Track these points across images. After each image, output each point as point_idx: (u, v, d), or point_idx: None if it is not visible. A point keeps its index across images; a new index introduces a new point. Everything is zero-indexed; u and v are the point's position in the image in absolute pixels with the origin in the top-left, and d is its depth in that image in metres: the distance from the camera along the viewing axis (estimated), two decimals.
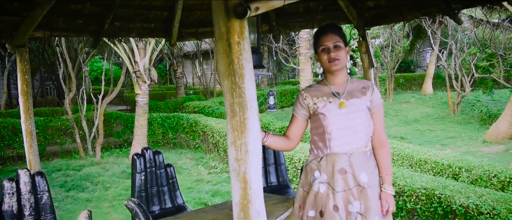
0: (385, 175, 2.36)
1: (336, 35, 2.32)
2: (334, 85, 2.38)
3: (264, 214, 2.04)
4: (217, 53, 2.01)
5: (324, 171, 2.33)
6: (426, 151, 6.46)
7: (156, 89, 22.34)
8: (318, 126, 2.36)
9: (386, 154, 2.38)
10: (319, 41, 2.36)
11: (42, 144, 9.48)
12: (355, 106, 2.31)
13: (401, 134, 11.73)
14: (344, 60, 2.33)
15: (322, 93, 2.38)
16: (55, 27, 3.09)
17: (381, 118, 2.38)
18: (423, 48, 22.50)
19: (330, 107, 2.33)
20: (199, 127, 9.66)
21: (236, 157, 2.00)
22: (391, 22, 3.65)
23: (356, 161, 2.30)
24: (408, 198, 4.36)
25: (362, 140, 2.32)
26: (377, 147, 2.38)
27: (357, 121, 2.31)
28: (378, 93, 2.39)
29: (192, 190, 6.92)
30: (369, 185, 2.30)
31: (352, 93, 2.35)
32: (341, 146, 2.31)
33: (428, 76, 18.03)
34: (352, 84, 2.38)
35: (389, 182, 2.37)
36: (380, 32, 16.67)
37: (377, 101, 2.37)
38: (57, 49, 10.27)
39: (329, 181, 2.32)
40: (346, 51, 2.35)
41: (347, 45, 2.36)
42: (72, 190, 7.09)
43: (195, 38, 3.85)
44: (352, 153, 2.31)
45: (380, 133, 2.37)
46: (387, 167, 2.37)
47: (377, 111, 2.37)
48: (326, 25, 2.44)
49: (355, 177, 2.30)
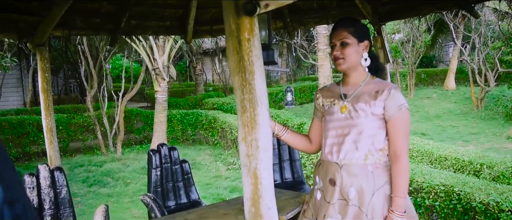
0: (393, 197, 1.96)
1: (344, 31, 2.05)
2: (345, 86, 2.14)
3: (275, 210, 2.05)
4: (227, 50, 2.03)
5: (321, 178, 2.17)
6: (447, 147, 6.36)
7: (176, 86, 22.54)
8: (323, 129, 2.20)
9: (398, 171, 1.96)
10: (330, 37, 2.17)
11: (65, 141, 9.71)
12: (360, 111, 2.02)
13: (422, 130, 11.56)
14: (351, 58, 2.05)
15: (332, 94, 2.18)
16: (74, 26, 3.17)
17: (398, 128, 1.99)
18: (445, 42, 22.08)
19: (333, 109, 2.13)
20: (217, 123, 9.72)
21: (247, 152, 2.02)
22: (406, 17, 3.61)
23: (347, 174, 2.03)
24: (427, 194, 4.31)
25: (361, 151, 2.01)
26: (391, 161, 2.02)
27: (357, 128, 2.02)
28: (398, 99, 1.99)
29: (211, 186, 6.99)
30: (357, 205, 1.99)
31: (360, 97, 2.05)
32: (333, 154, 2.09)
33: (450, 71, 17.68)
34: (366, 86, 2.07)
35: (398, 207, 1.94)
36: (401, 27, 16.41)
37: (392, 108, 1.98)
38: (79, 47, 10.48)
39: (324, 189, 2.14)
40: (362, 48, 2.07)
41: (362, 40, 2.07)
42: (94, 186, 7.24)
43: (210, 35, 3.89)
44: (344, 164, 2.04)
45: (396, 145, 1.98)
46: (397, 188, 1.95)
47: (394, 120, 1.98)
48: (340, 18, 2.19)
49: (342, 191, 2.04)
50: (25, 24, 2.90)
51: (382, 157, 2.03)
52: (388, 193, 2.00)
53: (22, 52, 13.98)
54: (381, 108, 2.00)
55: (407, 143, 2.01)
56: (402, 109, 1.98)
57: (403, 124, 1.99)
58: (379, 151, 2.02)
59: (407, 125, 2.02)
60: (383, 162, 2.03)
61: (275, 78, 23.92)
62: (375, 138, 2.02)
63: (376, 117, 2.01)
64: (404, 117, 1.99)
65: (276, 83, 22.02)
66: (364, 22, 5.54)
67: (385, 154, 2.03)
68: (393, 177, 1.98)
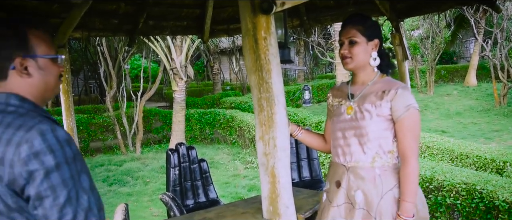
0: (401, 201, 1.89)
1: (353, 28, 1.98)
2: (353, 86, 2.08)
3: (293, 208, 2.05)
4: (244, 48, 2.03)
5: (329, 180, 2.13)
6: (468, 145, 6.25)
7: (193, 85, 22.69)
8: (331, 130, 2.16)
9: (406, 174, 1.89)
10: (339, 34, 2.10)
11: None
12: (365, 113, 1.96)
13: (442, 127, 11.37)
14: (359, 57, 1.98)
15: (341, 93, 2.13)
16: (92, 27, 3.21)
17: (406, 130, 1.90)
18: (466, 38, 21.64)
19: (340, 110, 2.08)
20: (235, 122, 9.74)
21: (264, 151, 2.02)
22: (425, 13, 3.55)
23: (354, 177, 1.98)
24: (448, 193, 4.23)
25: (368, 153, 1.95)
26: (401, 164, 1.95)
27: (362, 131, 1.96)
28: (405, 98, 1.91)
29: (229, 185, 7.01)
30: (365, 208, 1.94)
31: (366, 97, 1.99)
32: (340, 156, 2.04)
33: (471, 67, 17.34)
34: (374, 85, 2.00)
35: (405, 211, 1.87)
36: (420, 23, 16.16)
37: (400, 108, 1.89)
38: (98, 48, 10.64)
39: (329, 191, 2.11)
40: (371, 47, 2.00)
41: (372, 39, 1.99)
42: (114, 185, 7.35)
43: (226, 35, 3.89)
44: (351, 167, 2.00)
45: (404, 147, 1.90)
46: (405, 192, 1.88)
47: (402, 121, 1.90)
48: (349, 14, 2.12)
49: (348, 194, 2.00)
50: None
51: (391, 160, 1.96)
52: (397, 196, 1.93)
53: None
54: (388, 108, 1.92)
55: (416, 145, 1.93)
56: (410, 109, 1.89)
57: (411, 125, 1.90)
58: (388, 153, 1.96)
59: (416, 126, 1.93)
60: (392, 165, 1.96)
61: (293, 77, 23.86)
62: (382, 140, 1.95)
63: (382, 118, 1.94)
64: (413, 118, 1.90)
65: (294, 82, 21.96)
66: (381, 19, 5.30)
67: (395, 156, 1.97)
68: (401, 181, 1.91)
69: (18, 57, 1.25)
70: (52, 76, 1.33)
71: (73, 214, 1.14)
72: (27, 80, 1.27)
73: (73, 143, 1.20)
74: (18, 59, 1.25)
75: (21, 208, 1.16)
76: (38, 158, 1.12)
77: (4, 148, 1.15)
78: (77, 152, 1.21)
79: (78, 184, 1.17)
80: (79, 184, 1.17)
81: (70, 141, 1.19)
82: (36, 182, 1.12)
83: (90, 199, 1.19)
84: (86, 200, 1.17)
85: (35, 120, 1.18)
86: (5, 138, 1.16)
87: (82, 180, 1.19)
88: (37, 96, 1.29)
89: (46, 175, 1.12)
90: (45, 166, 1.12)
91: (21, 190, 1.14)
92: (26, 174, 1.12)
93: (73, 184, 1.15)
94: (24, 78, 1.27)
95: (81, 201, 1.16)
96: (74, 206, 1.15)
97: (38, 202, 1.13)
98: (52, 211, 1.12)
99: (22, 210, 1.17)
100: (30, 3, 2.68)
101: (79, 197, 1.16)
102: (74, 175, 1.16)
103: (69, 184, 1.14)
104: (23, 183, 1.13)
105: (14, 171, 1.13)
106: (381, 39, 2.05)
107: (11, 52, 1.25)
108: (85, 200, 1.17)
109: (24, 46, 1.26)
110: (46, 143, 1.14)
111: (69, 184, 1.15)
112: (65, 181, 1.14)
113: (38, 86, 1.29)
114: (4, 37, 1.26)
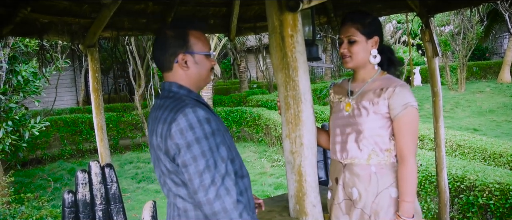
0: (400, 201, 1.88)
1: (352, 27, 1.96)
2: (354, 82, 2.08)
3: (319, 207, 2.03)
4: (270, 46, 2.02)
5: (330, 177, 2.14)
6: (502, 143, 6.06)
7: (220, 83, 22.81)
8: (330, 127, 2.15)
9: (404, 173, 1.87)
10: (338, 31, 2.08)
11: (115, 138, 10.08)
12: (362, 110, 1.96)
13: (474, 125, 11.07)
14: (359, 56, 1.97)
15: (342, 90, 2.12)
16: (121, 27, 3.26)
17: (404, 128, 1.88)
18: (499, 33, 20.95)
19: (339, 107, 2.08)
20: (262, 120, 9.75)
21: (291, 149, 2.01)
22: (455, 8, 3.45)
23: (350, 174, 1.99)
24: (480, 193, 4.12)
25: (364, 151, 1.94)
26: (398, 163, 1.93)
27: (358, 128, 1.96)
28: (403, 97, 1.88)
29: (256, 183, 7.03)
30: (360, 207, 1.96)
31: (365, 95, 1.98)
32: (337, 153, 2.05)
33: (505, 63, 16.75)
34: (373, 83, 1.99)
35: (405, 212, 1.87)
36: (451, 18, 15.73)
37: (397, 106, 1.88)
38: (127, 47, 10.84)
39: (332, 188, 2.12)
40: (371, 45, 1.97)
41: (371, 36, 1.97)
42: (142, 182, 7.48)
43: (253, 33, 3.89)
44: (347, 164, 2.00)
45: (401, 146, 1.89)
46: (403, 191, 1.87)
47: (399, 119, 1.88)
48: (348, 12, 2.09)
49: (345, 190, 2.02)
50: (77, 26, 3.03)
51: (389, 158, 1.94)
52: (394, 196, 1.92)
53: (74, 54, 14.63)
54: (385, 106, 1.91)
55: (414, 144, 1.91)
56: (407, 108, 1.87)
57: (409, 124, 1.89)
58: (385, 151, 1.94)
59: (414, 125, 1.91)
60: (389, 163, 1.94)
61: (320, 74, 23.65)
62: (378, 138, 1.94)
63: (379, 115, 1.92)
64: (410, 117, 1.88)
65: (321, 79, 21.78)
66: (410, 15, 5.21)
67: (392, 155, 1.95)
68: (399, 180, 1.90)
69: (181, 53, 1.59)
70: (205, 69, 1.65)
71: (211, 178, 1.43)
72: (186, 72, 1.61)
73: (212, 121, 1.49)
74: (181, 55, 1.59)
75: (176, 171, 1.50)
76: (182, 133, 1.44)
77: (162, 125, 1.49)
78: (217, 128, 1.49)
79: (216, 154, 1.45)
80: (218, 154, 1.45)
81: (209, 120, 1.48)
82: (182, 152, 1.44)
83: (227, 167, 1.47)
84: (224, 168, 1.45)
85: (183, 103, 1.50)
86: (163, 118, 1.50)
87: (221, 151, 1.47)
88: (192, 84, 1.63)
89: (188, 147, 1.43)
90: (187, 140, 1.43)
91: (173, 158, 1.48)
92: (175, 146, 1.45)
93: (211, 154, 1.44)
94: (184, 70, 1.61)
95: (219, 168, 1.44)
96: (212, 172, 1.43)
97: (184, 168, 1.45)
98: (194, 175, 1.43)
99: (177, 173, 1.50)
100: (61, 3, 2.75)
101: (218, 165, 1.44)
102: (213, 147, 1.45)
103: (207, 155, 1.43)
104: (173, 153, 1.46)
105: (167, 144, 1.47)
106: (381, 35, 2.03)
107: (176, 49, 1.59)
108: (223, 168, 1.45)
109: (185, 44, 1.59)
110: (188, 122, 1.44)
111: (207, 154, 1.43)
112: (204, 152, 1.43)
113: (194, 77, 1.62)
114: (173, 38, 1.59)
